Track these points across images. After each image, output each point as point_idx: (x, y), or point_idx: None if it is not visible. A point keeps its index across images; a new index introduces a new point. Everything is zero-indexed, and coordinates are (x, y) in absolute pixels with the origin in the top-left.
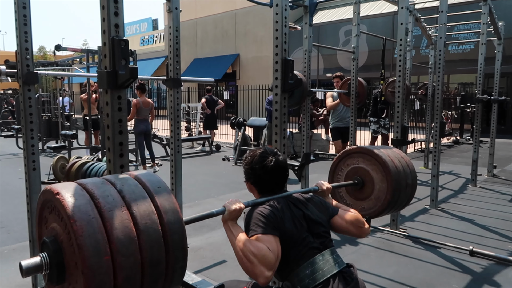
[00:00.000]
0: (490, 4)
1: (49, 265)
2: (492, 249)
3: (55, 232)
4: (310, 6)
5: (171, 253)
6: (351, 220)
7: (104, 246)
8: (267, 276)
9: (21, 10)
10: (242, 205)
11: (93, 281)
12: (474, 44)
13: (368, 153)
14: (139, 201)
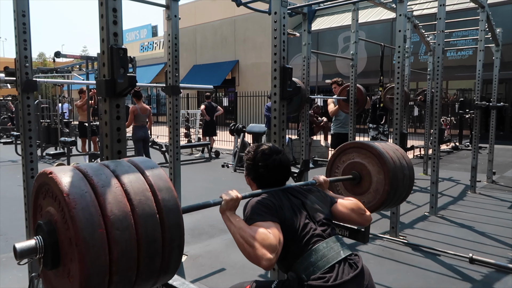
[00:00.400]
0: (487, 10)
1: (44, 248)
2: (492, 256)
3: (49, 214)
4: (308, 14)
5: (167, 230)
6: (352, 207)
7: (97, 219)
8: (270, 258)
9: (20, 18)
10: (239, 195)
11: (87, 254)
12: (472, 50)
13: (362, 147)
14: (132, 180)
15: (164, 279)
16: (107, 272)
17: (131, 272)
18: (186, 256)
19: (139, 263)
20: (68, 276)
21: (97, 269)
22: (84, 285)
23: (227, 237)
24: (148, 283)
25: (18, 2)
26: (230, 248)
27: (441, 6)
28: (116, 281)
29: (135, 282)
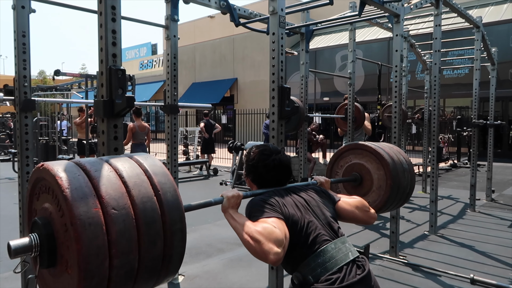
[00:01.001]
0: (482, 30)
1: (39, 245)
2: (493, 277)
3: (44, 210)
4: (306, 33)
5: (166, 212)
6: (356, 204)
7: (92, 199)
8: (277, 252)
9: (20, 38)
10: (240, 193)
11: (84, 233)
12: (468, 69)
13: (357, 147)
14: (126, 165)
15: (169, 271)
16: (106, 254)
17: (132, 256)
18: (183, 276)
19: (140, 246)
20: (67, 269)
21: (95, 250)
22: (83, 267)
23: (225, 256)
24: (152, 274)
25: (18, 22)
26: (228, 268)
27: (437, 26)
28: (117, 265)
29: (137, 270)
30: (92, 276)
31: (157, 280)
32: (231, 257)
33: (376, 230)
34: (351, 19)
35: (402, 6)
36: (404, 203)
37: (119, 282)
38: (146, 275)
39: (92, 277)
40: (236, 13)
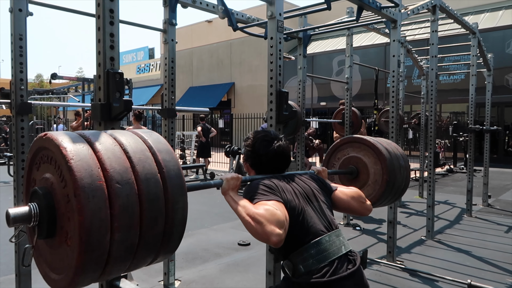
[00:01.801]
0: (478, 36)
1: (39, 215)
2: (490, 282)
3: (45, 180)
4: (304, 38)
5: (169, 190)
6: (352, 195)
7: (96, 171)
8: (279, 233)
9: (17, 41)
10: (240, 176)
11: (87, 205)
12: (464, 74)
13: (356, 140)
14: (130, 141)
15: (167, 249)
16: (108, 227)
17: (133, 232)
18: (180, 281)
19: (141, 222)
20: (66, 240)
21: (97, 223)
22: (85, 239)
23: (221, 261)
24: (151, 251)
25: (15, 25)
26: (224, 273)
27: (434, 32)
28: (118, 240)
29: (137, 246)
30: (93, 249)
31: (155, 257)
32: (228, 262)
33: (373, 235)
34: (349, 24)
35: (399, 12)
36: (397, 199)
37: (119, 256)
38: (145, 251)
39: (93, 250)
40: (234, 17)
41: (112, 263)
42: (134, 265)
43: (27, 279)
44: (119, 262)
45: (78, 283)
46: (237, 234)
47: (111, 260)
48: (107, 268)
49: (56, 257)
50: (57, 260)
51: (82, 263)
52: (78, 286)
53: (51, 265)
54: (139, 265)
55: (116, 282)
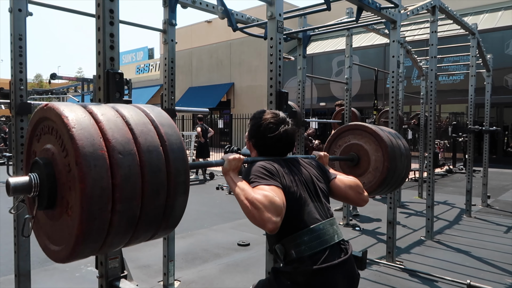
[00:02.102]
0: (478, 37)
1: (39, 185)
2: (489, 282)
3: (45, 151)
4: (303, 39)
5: (171, 163)
6: (350, 184)
7: (98, 140)
8: (275, 221)
9: (17, 41)
10: (241, 157)
11: (89, 173)
12: (463, 75)
13: (357, 128)
14: (132, 113)
15: (168, 223)
16: (110, 197)
17: (135, 203)
18: (179, 282)
19: (143, 194)
20: (67, 210)
21: (99, 192)
22: (86, 208)
23: (221, 262)
24: (152, 224)
25: (15, 25)
26: (224, 274)
27: (433, 32)
28: (119, 210)
29: (139, 218)
30: (94, 218)
31: (156, 232)
32: (228, 262)
33: (372, 235)
34: (348, 25)
35: (399, 13)
36: (397, 187)
37: (120, 228)
38: (146, 224)
39: (94, 219)
40: (234, 18)
41: (113, 234)
42: (135, 238)
43: (26, 280)
44: (120, 234)
45: (78, 253)
46: (237, 235)
47: (112, 230)
48: (108, 239)
49: (56, 228)
50: (57, 232)
51: (83, 232)
52: (78, 257)
53: (51, 237)
54: (140, 239)
55: (116, 282)
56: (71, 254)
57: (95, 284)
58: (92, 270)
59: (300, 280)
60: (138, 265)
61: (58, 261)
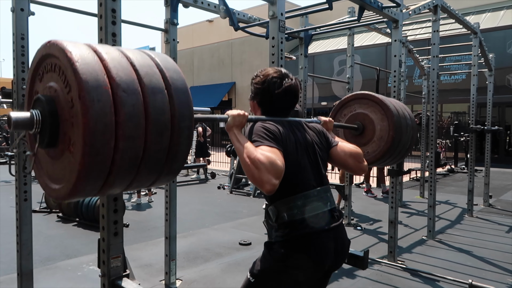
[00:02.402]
0: (480, 36)
1: (41, 122)
2: (491, 282)
3: (48, 88)
4: (305, 38)
5: (176, 107)
6: (350, 152)
7: (102, 77)
8: (274, 183)
9: (19, 41)
10: (246, 113)
11: (92, 107)
12: (465, 74)
13: (363, 97)
14: (138, 56)
15: (171, 168)
16: (112, 134)
17: (138, 143)
18: (181, 281)
19: (146, 134)
20: (69, 146)
21: (102, 127)
22: (88, 142)
23: (222, 261)
24: (154, 167)
25: (17, 25)
26: (225, 273)
27: (435, 32)
28: (122, 148)
29: (141, 159)
30: (97, 153)
31: (159, 176)
32: (229, 261)
33: (374, 235)
34: (350, 24)
35: (400, 12)
36: (401, 159)
37: (122, 166)
38: (149, 166)
39: (96, 153)
40: (236, 17)
41: (115, 173)
42: (137, 181)
43: (28, 278)
44: (122, 173)
45: (79, 190)
46: (238, 234)
47: (114, 169)
48: (109, 178)
49: (57, 167)
50: (58, 170)
51: (85, 168)
52: (79, 194)
53: (52, 176)
54: (142, 182)
55: (118, 281)
56: (72, 191)
57: (97, 283)
58: (94, 269)
59: (293, 246)
60: (140, 264)
61: (60, 198)
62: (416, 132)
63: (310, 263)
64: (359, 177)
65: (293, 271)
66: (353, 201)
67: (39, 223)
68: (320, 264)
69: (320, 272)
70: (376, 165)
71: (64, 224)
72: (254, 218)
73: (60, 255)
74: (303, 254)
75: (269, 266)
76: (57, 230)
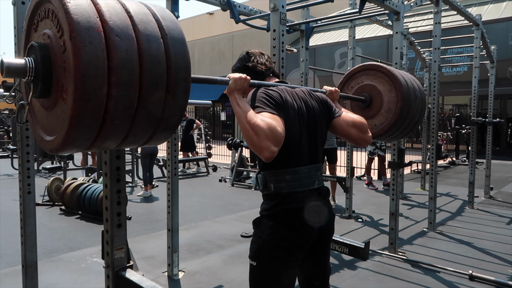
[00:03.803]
0: (482, 28)
1: (34, 70)
2: (491, 273)
3: (42, 36)
4: (306, 30)
5: (172, 58)
6: (354, 122)
7: (94, 19)
8: (273, 151)
9: (20, 34)
10: (248, 77)
11: (83, 49)
12: (467, 66)
13: (371, 68)
14: (133, 3)
15: (167, 123)
16: (105, 79)
17: (132, 91)
18: (183, 272)
19: (141, 83)
20: (62, 93)
21: (93, 71)
22: (80, 86)
23: (224, 253)
24: (150, 121)
25: (18, 18)
26: (228, 265)
27: (437, 24)
28: (115, 96)
29: (136, 110)
30: (89, 98)
31: (155, 132)
32: (231, 253)
33: (375, 227)
34: (351, 17)
35: (402, 4)
36: (409, 133)
37: (116, 115)
38: (144, 118)
39: (88, 99)
40: (236, 10)
41: (109, 123)
42: (133, 135)
43: (33, 270)
44: (116, 124)
45: (72, 139)
46: (240, 226)
47: (108, 118)
48: (103, 129)
49: (52, 118)
50: (52, 121)
51: (77, 113)
52: (72, 144)
53: (47, 128)
54: (138, 137)
55: (122, 272)
56: (65, 140)
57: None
58: (97, 261)
59: (279, 219)
60: (142, 256)
61: (54, 151)
62: (425, 104)
63: (297, 235)
64: (360, 169)
65: (284, 242)
66: (354, 194)
67: (42, 216)
68: (307, 236)
69: (309, 242)
70: (383, 138)
71: (67, 217)
72: (255, 211)
73: (63, 248)
74: (289, 227)
75: (263, 243)
76: (60, 223)
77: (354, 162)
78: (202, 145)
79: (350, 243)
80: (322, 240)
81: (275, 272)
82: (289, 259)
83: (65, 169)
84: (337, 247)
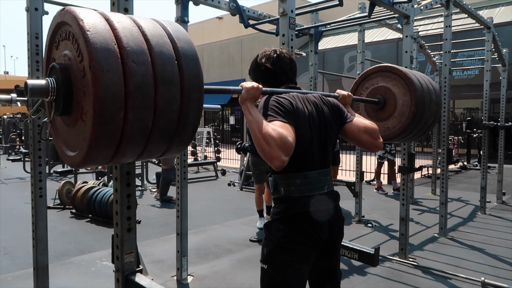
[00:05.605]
0: (493, 31)
1: (56, 90)
2: (504, 280)
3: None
4: (315, 35)
5: (186, 79)
6: (365, 128)
7: (113, 46)
8: (284, 160)
9: (33, 40)
10: (260, 86)
11: (102, 77)
12: (478, 70)
13: (387, 70)
14: (149, 25)
15: (181, 139)
16: (122, 104)
17: (147, 114)
18: (192, 277)
19: (156, 105)
20: (82, 115)
21: (111, 97)
22: (98, 111)
23: (233, 257)
24: (164, 138)
25: (31, 24)
26: (236, 269)
27: (447, 27)
28: (131, 119)
29: (151, 130)
30: (106, 123)
31: (169, 147)
32: (240, 258)
33: (385, 232)
34: (361, 20)
35: (412, 7)
36: (422, 135)
37: (132, 137)
38: (158, 136)
39: (106, 123)
40: (246, 14)
41: (126, 143)
42: (148, 151)
43: (44, 273)
44: (132, 143)
45: (92, 157)
46: (249, 231)
47: (125, 139)
48: (120, 147)
49: (72, 134)
50: (73, 138)
51: (96, 137)
52: (92, 161)
53: (68, 143)
54: (153, 152)
55: (132, 276)
56: (85, 158)
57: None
58: (107, 264)
59: (289, 222)
60: (151, 260)
61: (74, 165)
62: (441, 107)
63: (308, 238)
64: (370, 174)
65: (295, 246)
66: (364, 198)
67: (53, 219)
68: (318, 239)
69: (319, 245)
70: (395, 141)
71: (77, 220)
72: None
73: (74, 251)
74: (300, 230)
75: (274, 246)
76: (70, 226)
77: (364, 167)
78: (211, 149)
79: (360, 248)
80: (332, 243)
81: (286, 275)
82: (300, 262)
83: (76, 173)
84: (347, 252)
